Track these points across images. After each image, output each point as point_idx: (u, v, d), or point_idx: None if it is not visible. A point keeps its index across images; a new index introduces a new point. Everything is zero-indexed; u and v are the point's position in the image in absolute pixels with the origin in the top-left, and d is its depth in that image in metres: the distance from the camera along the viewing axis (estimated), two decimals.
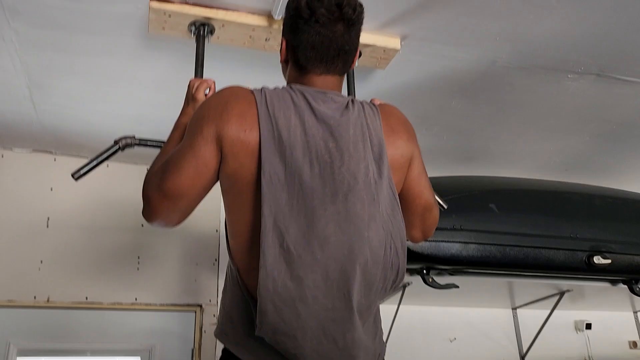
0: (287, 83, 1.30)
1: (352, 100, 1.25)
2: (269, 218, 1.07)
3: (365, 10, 1.80)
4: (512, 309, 3.57)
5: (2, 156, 2.81)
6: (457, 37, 2.00)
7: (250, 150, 1.12)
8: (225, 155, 1.13)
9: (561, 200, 2.54)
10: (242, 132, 1.13)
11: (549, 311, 3.26)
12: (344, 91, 1.96)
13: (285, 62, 1.32)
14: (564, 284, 2.82)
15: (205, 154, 1.13)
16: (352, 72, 2.00)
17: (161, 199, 1.15)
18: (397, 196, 1.23)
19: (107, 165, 2.68)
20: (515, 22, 1.92)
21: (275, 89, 1.21)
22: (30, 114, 2.47)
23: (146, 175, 1.23)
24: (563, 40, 2.03)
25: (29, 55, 2.05)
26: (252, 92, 1.19)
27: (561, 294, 3.04)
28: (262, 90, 1.19)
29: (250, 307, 1.11)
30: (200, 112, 1.20)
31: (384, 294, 1.19)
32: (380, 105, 1.32)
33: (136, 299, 2.76)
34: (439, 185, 2.18)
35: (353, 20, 1.26)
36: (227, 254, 1.22)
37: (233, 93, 1.20)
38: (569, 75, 2.28)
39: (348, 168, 1.13)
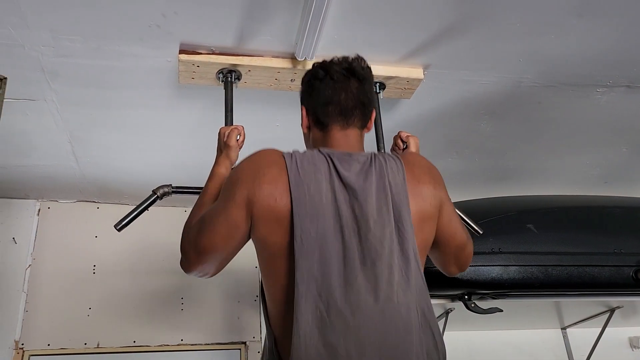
0: (313, 147, 1.35)
1: (375, 157, 1.27)
2: (301, 285, 1.09)
3: (385, 43, 1.87)
4: (562, 328, 3.47)
5: (49, 208, 2.93)
6: (480, 61, 2.01)
7: (282, 217, 1.16)
8: (257, 221, 1.17)
9: (602, 214, 2.49)
10: (273, 200, 1.16)
11: (600, 329, 3.16)
12: None
13: (307, 129, 1.39)
14: (613, 300, 2.74)
15: (237, 218, 1.18)
16: (378, 105, 2.03)
17: (196, 255, 1.22)
18: (419, 258, 1.21)
19: (148, 210, 2.76)
20: (537, 43, 1.93)
21: (305, 153, 1.25)
22: (73, 167, 2.59)
23: (184, 228, 1.29)
24: (587, 55, 2.02)
25: (68, 113, 2.15)
26: (283, 156, 1.23)
27: (611, 310, 2.95)
28: (292, 155, 1.23)
29: None
30: (235, 176, 1.24)
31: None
32: (403, 156, 1.35)
33: (182, 340, 2.80)
34: (474, 209, 2.18)
35: (364, 76, 1.36)
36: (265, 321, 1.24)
37: (265, 158, 1.24)
38: (598, 89, 2.25)
39: (374, 234, 1.15)
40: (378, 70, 1.98)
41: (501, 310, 2.19)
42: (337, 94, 1.32)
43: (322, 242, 1.13)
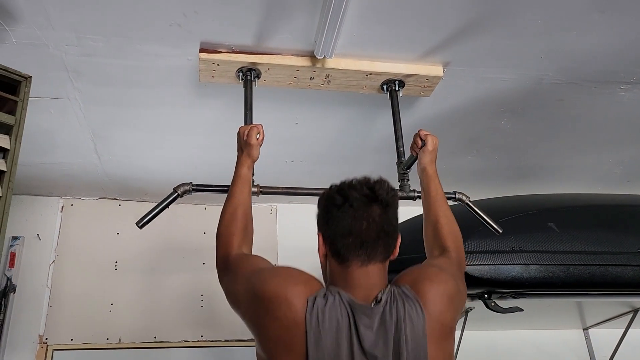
0: (330, 280, 1.28)
1: (393, 302, 1.20)
2: None
3: (405, 40, 1.86)
4: (584, 329, 3.42)
5: (72, 205, 2.98)
6: (500, 59, 2.00)
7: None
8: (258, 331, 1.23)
9: (625, 213, 2.46)
10: (285, 356, 1.15)
11: (623, 330, 3.11)
12: (389, 119, 2.01)
13: (324, 258, 1.30)
14: (637, 301, 2.70)
15: (244, 320, 1.29)
16: (397, 102, 2.03)
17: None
18: None
19: (168, 207, 2.79)
20: (558, 39, 1.91)
21: (327, 300, 1.18)
22: (96, 165, 2.63)
23: (217, 236, 1.45)
24: (610, 52, 1.99)
25: (91, 111, 2.19)
26: (306, 302, 1.17)
27: (635, 311, 2.90)
28: (314, 304, 1.16)
29: None
30: (255, 287, 1.24)
31: None
32: (422, 293, 1.24)
33: (202, 336, 2.83)
34: (494, 207, 2.17)
35: (388, 202, 1.25)
36: None
37: (286, 301, 1.18)
38: (621, 86, 2.22)
39: None
40: (397, 68, 1.98)
41: (522, 310, 2.16)
42: (358, 223, 1.21)
43: None
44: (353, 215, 1.22)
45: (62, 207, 2.97)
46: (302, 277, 1.24)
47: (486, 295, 2.18)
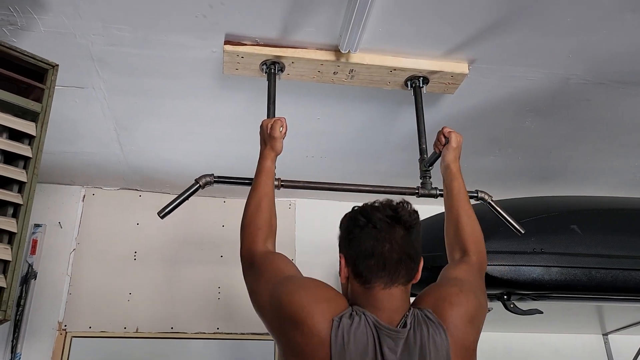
0: (353, 301, 1.26)
1: (417, 327, 1.19)
2: None
3: (430, 37, 1.85)
4: (603, 334, 3.36)
5: (94, 194, 3.01)
6: (527, 57, 1.97)
7: None
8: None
9: None
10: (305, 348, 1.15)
11: None
12: (411, 116, 2.00)
13: (346, 280, 1.29)
14: None
15: (266, 326, 1.30)
16: (420, 99, 2.01)
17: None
18: None
19: (189, 200, 2.82)
20: (587, 39, 1.87)
21: (352, 321, 1.17)
22: (118, 155, 2.65)
23: (241, 228, 1.45)
24: None
25: (115, 101, 2.21)
26: (332, 322, 1.16)
27: None
28: (340, 324, 1.16)
29: None
30: (281, 299, 1.23)
31: None
32: (445, 318, 1.23)
33: (218, 328, 2.84)
34: (516, 208, 2.15)
35: (411, 224, 1.24)
36: None
37: (312, 319, 1.17)
38: None
39: None
40: (422, 64, 1.96)
41: (541, 312, 2.14)
42: (380, 245, 1.21)
43: None
44: (376, 237, 1.22)
45: (84, 196, 3.00)
46: (328, 293, 1.23)
47: (505, 297, 2.15)
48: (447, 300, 1.26)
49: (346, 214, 1.32)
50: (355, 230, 1.25)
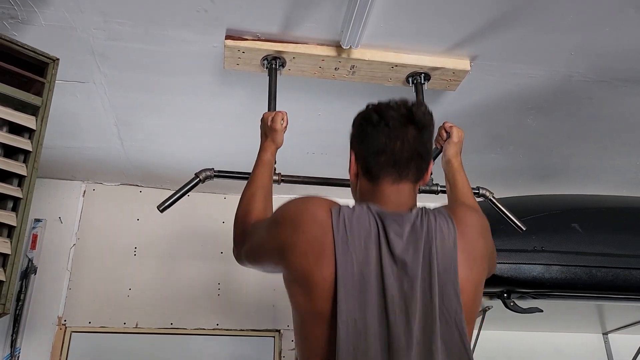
0: (360, 198, 1.25)
1: (424, 215, 1.17)
2: None
3: (432, 33, 1.84)
4: (603, 333, 3.36)
5: (94, 190, 3.01)
6: (529, 54, 1.96)
7: (324, 286, 1.08)
8: (291, 282, 1.15)
9: None
10: (315, 267, 1.09)
11: None
12: None
13: (355, 177, 1.28)
14: None
15: (270, 261, 1.23)
16: (422, 96, 2.00)
17: (242, 263, 1.41)
18: (465, 335, 1.11)
19: (189, 195, 2.81)
20: (590, 36, 1.87)
21: (354, 210, 1.15)
22: (118, 150, 2.65)
23: (235, 219, 1.40)
24: None
25: (116, 96, 2.20)
26: (330, 212, 1.13)
27: None
28: (340, 212, 1.13)
29: None
30: (277, 218, 1.21)
31: None
32: (454, 212, 1.21)
33: (217, 325, 2.84)
34: (517, 205, 2.14)
35: (424, 124, 1.22)
36: None
37: (310, 213, 1.14)
38: None
39: (423, 313, 1.07)
40: (424, 60, 1.95)
41: (541, 311, 2.14)
42: (392, 142, 1.20)
43: (369, 322, 1.05)
44: (388, 134, 1.20)
45: (84, 191, 3.00)
46: (322, 197, 1.20)
47: (505, 295, 2.15)
48: (462, 205, 1.33)
49: (360, 112, 1.30)
50: (368, 127, 1.23)
